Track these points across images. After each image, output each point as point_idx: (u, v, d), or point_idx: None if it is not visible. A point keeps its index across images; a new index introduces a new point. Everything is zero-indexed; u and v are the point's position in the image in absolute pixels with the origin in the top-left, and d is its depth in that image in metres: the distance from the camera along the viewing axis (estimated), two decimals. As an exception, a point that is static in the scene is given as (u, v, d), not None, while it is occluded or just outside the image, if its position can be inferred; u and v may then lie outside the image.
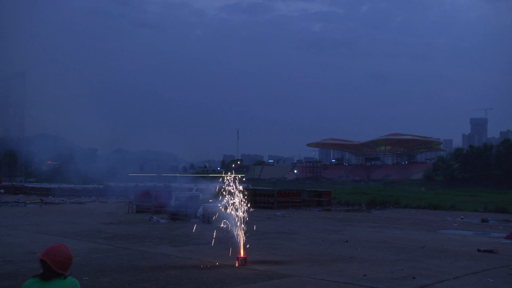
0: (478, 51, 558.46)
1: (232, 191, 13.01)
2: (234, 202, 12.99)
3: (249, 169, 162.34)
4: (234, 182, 12.95)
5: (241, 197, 13.02)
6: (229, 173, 12.93)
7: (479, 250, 15.01)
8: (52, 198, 43.21)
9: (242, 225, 12.90)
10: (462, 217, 29.25)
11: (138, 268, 11.81)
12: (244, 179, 13.33)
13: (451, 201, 41.10)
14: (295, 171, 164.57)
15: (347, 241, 17.20)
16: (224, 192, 13.03)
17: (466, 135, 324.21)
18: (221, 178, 13.09)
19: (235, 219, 12.93)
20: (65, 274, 3.83)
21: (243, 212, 12.96)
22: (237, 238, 12.86)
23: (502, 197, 46.98)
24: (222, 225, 13.07)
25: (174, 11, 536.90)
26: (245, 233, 12.93)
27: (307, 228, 21.97)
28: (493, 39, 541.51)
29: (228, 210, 12.78)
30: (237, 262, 12.23)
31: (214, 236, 14.73)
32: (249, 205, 13.26)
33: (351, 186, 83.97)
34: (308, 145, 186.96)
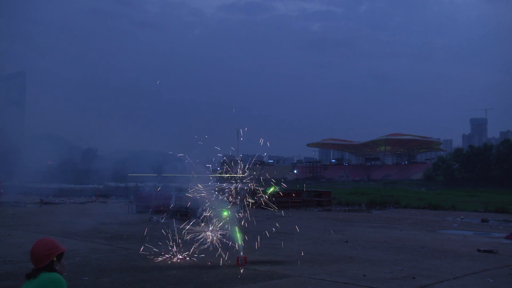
0: (478, 51, 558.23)
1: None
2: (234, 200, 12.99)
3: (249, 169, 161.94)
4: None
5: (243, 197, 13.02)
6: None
7: (479, 250, 15.01)
8: (52, 198, 43.17)
9: (242, 225, 12.90)
10: (462, 217, 29.25)
11: (138, 268, 11.81)
12: (245, 180, 13.32)
13: (451, 201, 41.09)
14: (295, 171, 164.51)
15: (347, 241, 17.21)
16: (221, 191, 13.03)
17: (466, 135, 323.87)
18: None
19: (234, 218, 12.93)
20: (40, 266, 3.68)
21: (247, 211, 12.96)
22: (237, 238, 12.85)
23: (502, 197, 46.98)
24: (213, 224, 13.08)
25: (172, 10, 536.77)
26: (244, 233, 12.93)
27: (307, 228, 21.97)
28: (493, 39, 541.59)
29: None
30: (237, 262, 12.23)
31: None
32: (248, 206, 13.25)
33: (351, 186, 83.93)
34: (308, 145, 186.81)
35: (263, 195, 12.98)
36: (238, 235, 12.73)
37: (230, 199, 13.09)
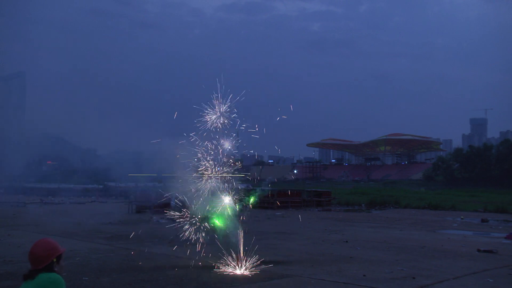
0: (478, 51, 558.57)
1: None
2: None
3: (249, 169, 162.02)
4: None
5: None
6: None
7: (479, 250, 15.01)
8: (52, 198, 43.16)
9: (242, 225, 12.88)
10: (462, 217, 29.25)
11: (138, 268, 11.81)
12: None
13: (451, 201, 41.08)
14: (295, 171, 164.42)
15: (347, 241, 17.20)
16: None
17: (466, 135, 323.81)
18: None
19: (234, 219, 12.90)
20: (38, 268, 3.68)
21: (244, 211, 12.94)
22: (237, 238, 12.83)
23: (502, 197, 46.96)
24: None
25: (173, 10, 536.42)
26: (244, 233, 12.92)
27: (307, 228, 21.97)
28: (493, 39, 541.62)
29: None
30: (237, 262, 12.21)
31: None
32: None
33: (351, 186, 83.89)
34: (308, 145, 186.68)
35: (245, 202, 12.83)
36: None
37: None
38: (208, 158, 12.11)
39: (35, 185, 53.96)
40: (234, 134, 12.23)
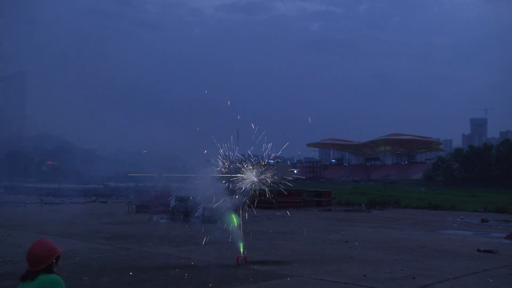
0: (478, 51, 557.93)
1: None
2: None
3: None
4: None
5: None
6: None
7: (479, 250, 15.01)
8: (52, 198, 43.14)
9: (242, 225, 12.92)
10: (462, 217, 29.25)
11: (138, 268, 11.81)
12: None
13: (451, 201, 41.08)
14: (295, 171, 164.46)
15: (347, 241, 17.21)
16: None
17: (466, 135, 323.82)
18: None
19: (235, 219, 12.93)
20: (38, 269, 3.66)
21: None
22: (237, 238, 12.85)
23: (502, 197, 46.96)
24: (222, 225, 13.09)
25: (173, 10, 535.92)
26: (245, 233, 12.94)
27: (307, 228, 21.97)
28: (493, 39, 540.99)
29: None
30: (237, 262, 12.23)
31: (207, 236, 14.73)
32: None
33: (351, 186, 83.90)
34: (308, 145, 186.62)
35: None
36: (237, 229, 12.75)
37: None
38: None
39: (35, 185, 53.87)
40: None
